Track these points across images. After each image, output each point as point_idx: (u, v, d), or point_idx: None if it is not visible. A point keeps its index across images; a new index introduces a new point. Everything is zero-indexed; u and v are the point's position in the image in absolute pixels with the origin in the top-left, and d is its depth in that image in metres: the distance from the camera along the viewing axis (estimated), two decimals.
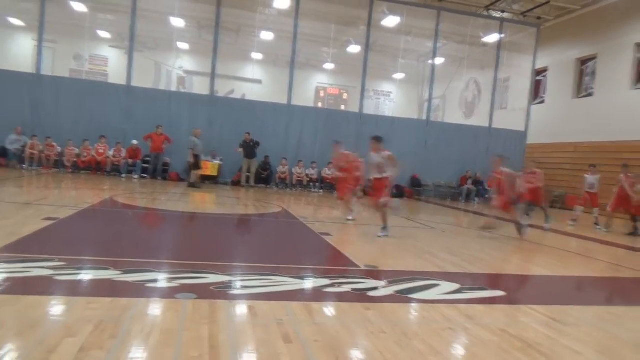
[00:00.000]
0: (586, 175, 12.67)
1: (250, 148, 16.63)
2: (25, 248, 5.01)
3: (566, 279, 6.14)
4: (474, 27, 20.48)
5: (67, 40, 21.28)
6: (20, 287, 3.75)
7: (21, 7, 20.48)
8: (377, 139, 8.18)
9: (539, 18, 20.58)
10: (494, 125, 20.43)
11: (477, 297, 4.61)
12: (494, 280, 5.50)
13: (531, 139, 20.68)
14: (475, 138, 20.11)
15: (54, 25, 18.10)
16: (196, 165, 14.74)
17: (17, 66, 17.91)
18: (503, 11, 20.50)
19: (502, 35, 20.19)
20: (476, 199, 19.40)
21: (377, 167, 8.00)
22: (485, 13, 20.69)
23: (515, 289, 5.44)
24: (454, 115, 25.12)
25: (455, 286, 4.87)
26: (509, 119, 20.83)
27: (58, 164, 16.07)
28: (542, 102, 21.60)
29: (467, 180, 19.58)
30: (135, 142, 16.34)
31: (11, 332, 2.85)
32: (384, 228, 7.78)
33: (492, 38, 20.39)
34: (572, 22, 20.03)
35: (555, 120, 20.20)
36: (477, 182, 19.63)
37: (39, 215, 6.86)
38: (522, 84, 20.91)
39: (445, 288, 4.75)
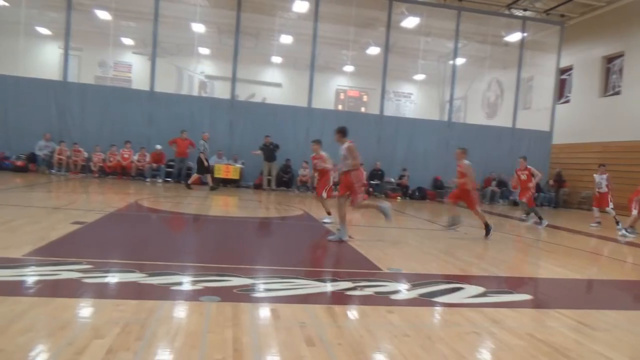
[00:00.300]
0: (595, 175, 12.60)
1: (269, 151, 16.70)
2: (54, 251, 5.14)
3: (595, 282, 5.99)
4: (495, 26, 20.24)
5: (92, 48, 21.79)
6: (50, 289, 3.85)
7: (48, 16, 21.07)
8: (339, 131, 7.73)
9: (562, 16, 20.21)
10: (518, 126, 20.12)
11: (502, 300, 4.52)
12: (519, 284, 5.40)
13: (556, 139, 20.30)
14: (498, 139, 19.84)
15: (79, 33, 18.56)
16: (207, 168, 14.93)
17: (44, 74, 18.44)
18: (525, 9, 20.19)
19: (525, 34, 19.88)
20: (500, 200, 19.11)
21: (342, 159, 7.56)
22: (507, 12, 20.41)
23: (542, 293, 5.33)
24: (476, 116, 24.82)
25: (480, 289, 4.80)
26: (533, 119, 20.49)
27: (85, 169, 16.44)
28: (567, 101, 21.17)
29: (491, 181, 19.31)
30: (159, 146, 16.61)
31: (42, 333, 2.92)
32: (340, 229, 7.31)
33: (515, 37, 20.09)
34: (598, 19, 19.60)
35: (582, 120, 19.77)
36: (501, 184, 19.35)
37: (68, 219, 7.02)
38: (546, 83, 20.54)
39: (469, 291, 4.69)
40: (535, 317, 4.12)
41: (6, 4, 19.34)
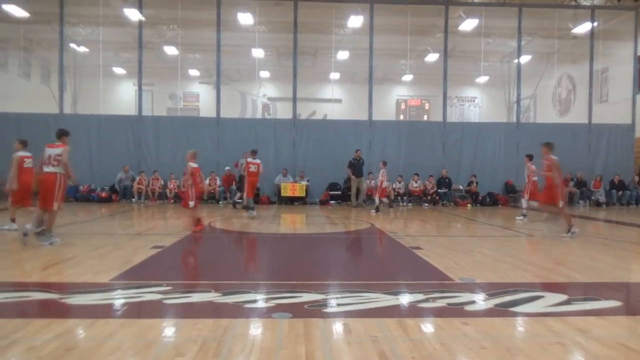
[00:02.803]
0: None
1: (359, 166, 16.29)
2: (137, 274, 5.48)
3: None
4: (561, 19, 19.22)
5: (163, 82, 23.23)
6: (135, 311, 4.11)
7: (122, 57, 22.84)
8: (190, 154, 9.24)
9: (636, 0, 18.84)
10: (595, 121, 18.85)
11: (588, 308, 4.24)
12: (607, 290, 5.01)
13: None
14: (573, 137, 18.68)
15: (150, 69, 19.90)
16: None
17: (121, 110, 19.93)
18: None
19: (595, 24, 18.70)
20: (581, 201, 17.92)
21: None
22: (573, 2, 19.35)
23: (633, 299, 4.92)
24: (547, 115, 23.61)
25: (563, 297, 4.52)
26: (611, 113, 19.13)
27: (162, 195, 17.40)
28: None
29: (568, 182, 18.18)
30: (228, 167, 17.18)
31: (129, 352, 3.12)
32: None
33: (584, 28, 18.94)
34: None
35: None
36: (580, 184, 18.15)
37: (148, 244, 7.47)
38: (623, 73, 19.13)
39: (550, 300, 4.43)
40: (628, 325, 3.81)
41: (87, 49, 21.18)
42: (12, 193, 8.81)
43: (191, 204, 8.97)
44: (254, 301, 4.34)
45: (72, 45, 20.45)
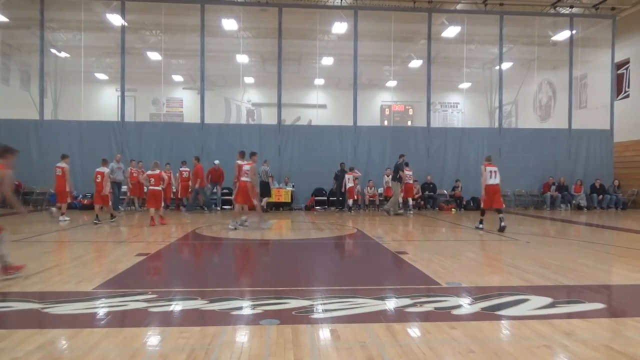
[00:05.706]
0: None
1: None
2: (122, 283, 5.39)
3: None
4: (541, 26, 19.64)
5: (146, 88, 22.99)
6: (120, 320, 4.04)
7: (104, 62, 22.60)
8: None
9: (613, 9, 19.31)
10: (575, 126, 19.24)
11: (573, 311, 4.30)
12: (591, 292, 5.10)
13: (619, 137, 19.23)
14: (554, 141, 19.07)
15: (133, 75, 19.67)
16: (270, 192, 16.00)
17: (104, 116, 19.66)
18: (572, 6, 19.46)
19: (574, 32, 19.13)
20: (562, 205, 18.22)
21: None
22: (553, 11, 19.76)
23: (617, 301, 5.01)
24: (528, 120, 24.00)
25: (547, 300, 4.58)
26: (590, 118, 19.56)
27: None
28: (627, 96, 20.05)
29: (549, 186, 18.49)
30: (217, 162, 16.70)
31: None
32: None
33: (563, 35, 19.37)
34: None
35: None
36: (561, 188, 18.46)
37: (133, 252, 7.37)
38: (601, 80, 19.60)
39: (536, 303, 4.49)
40: (611, 327, 3.87)
41: (68, 55, 20.89)
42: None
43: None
44: (241, 308, 4.30)
45: (53, 50, 20.16)
